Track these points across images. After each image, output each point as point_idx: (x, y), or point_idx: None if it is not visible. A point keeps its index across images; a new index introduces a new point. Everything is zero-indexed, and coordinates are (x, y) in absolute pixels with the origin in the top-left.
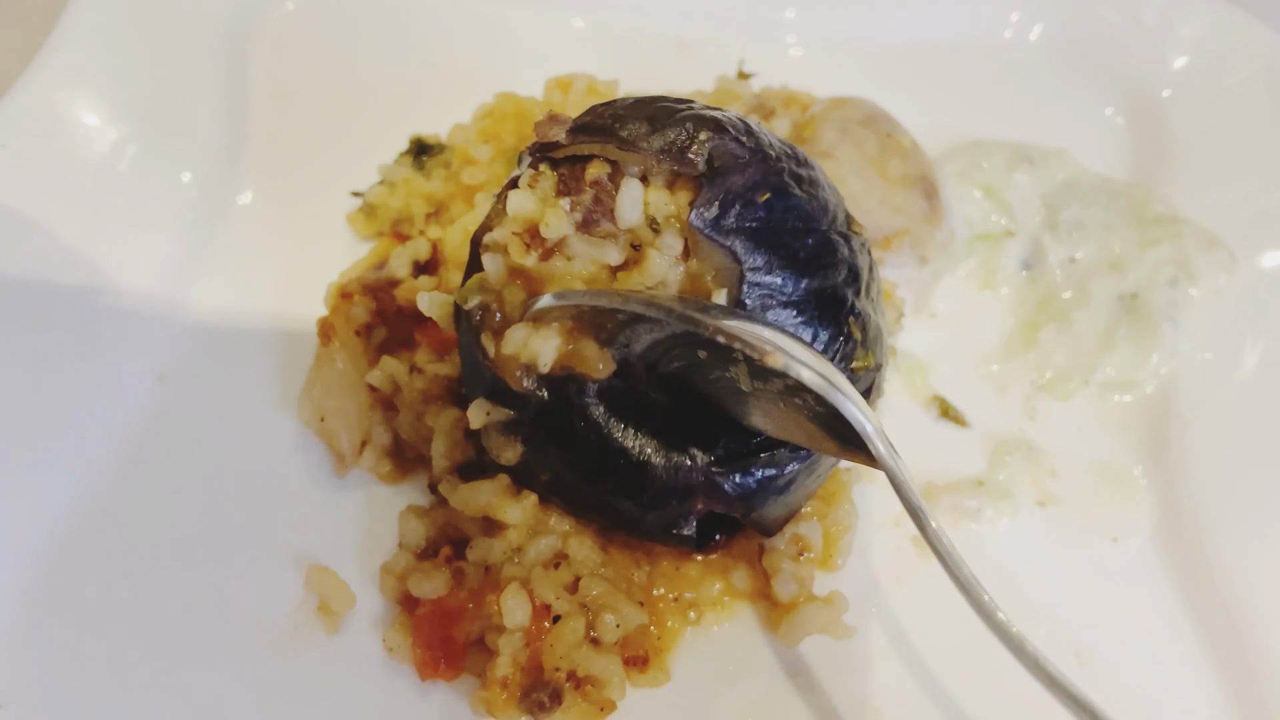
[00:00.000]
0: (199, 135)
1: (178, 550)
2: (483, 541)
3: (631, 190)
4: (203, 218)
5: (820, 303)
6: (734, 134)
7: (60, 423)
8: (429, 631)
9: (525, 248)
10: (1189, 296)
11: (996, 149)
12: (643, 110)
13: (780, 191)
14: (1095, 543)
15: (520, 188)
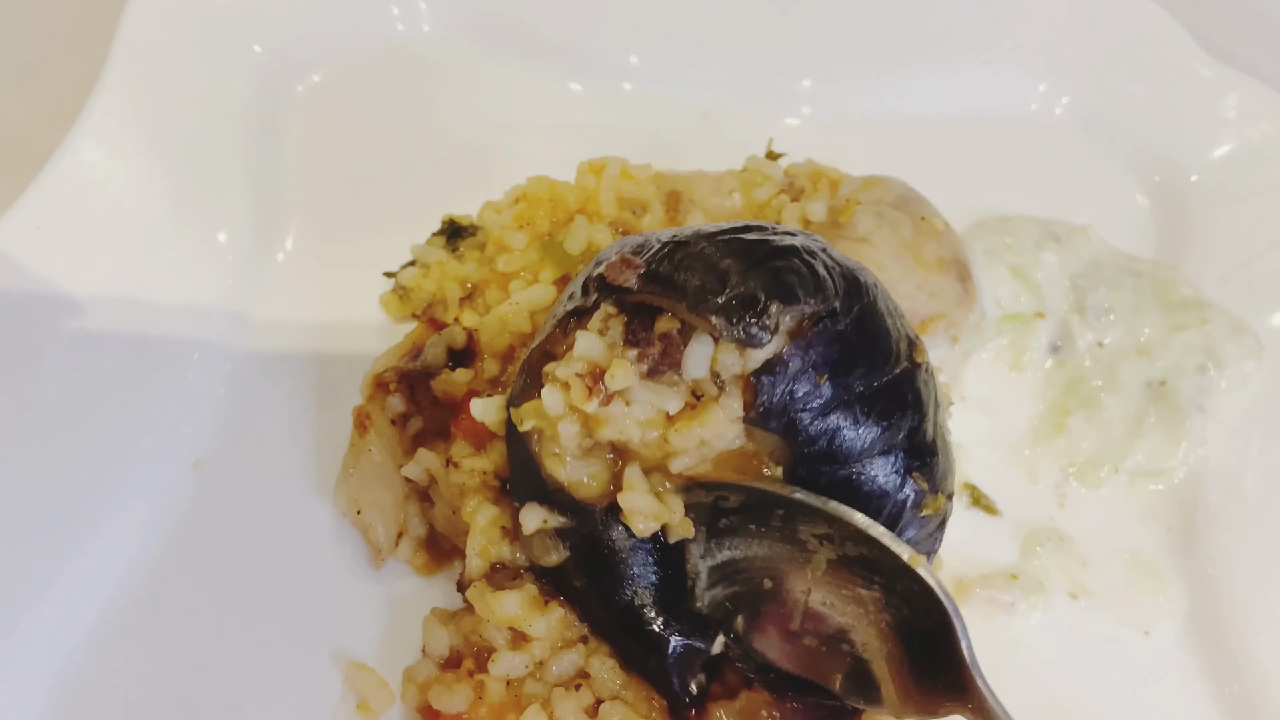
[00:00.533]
0: (228, 215)
1: (215, 645)
2: (506, 655)
3: (702, 347)
4: (233, 300)
5: (884, 465)
6: (804, 295)
7: (97, 512)
8: None
9: (588, 392)
10: (1217, 384)
11: (1023, 225)
12: (714, 256)
13: (846, 360)
14: (1128, 636)
15: (589, 330)
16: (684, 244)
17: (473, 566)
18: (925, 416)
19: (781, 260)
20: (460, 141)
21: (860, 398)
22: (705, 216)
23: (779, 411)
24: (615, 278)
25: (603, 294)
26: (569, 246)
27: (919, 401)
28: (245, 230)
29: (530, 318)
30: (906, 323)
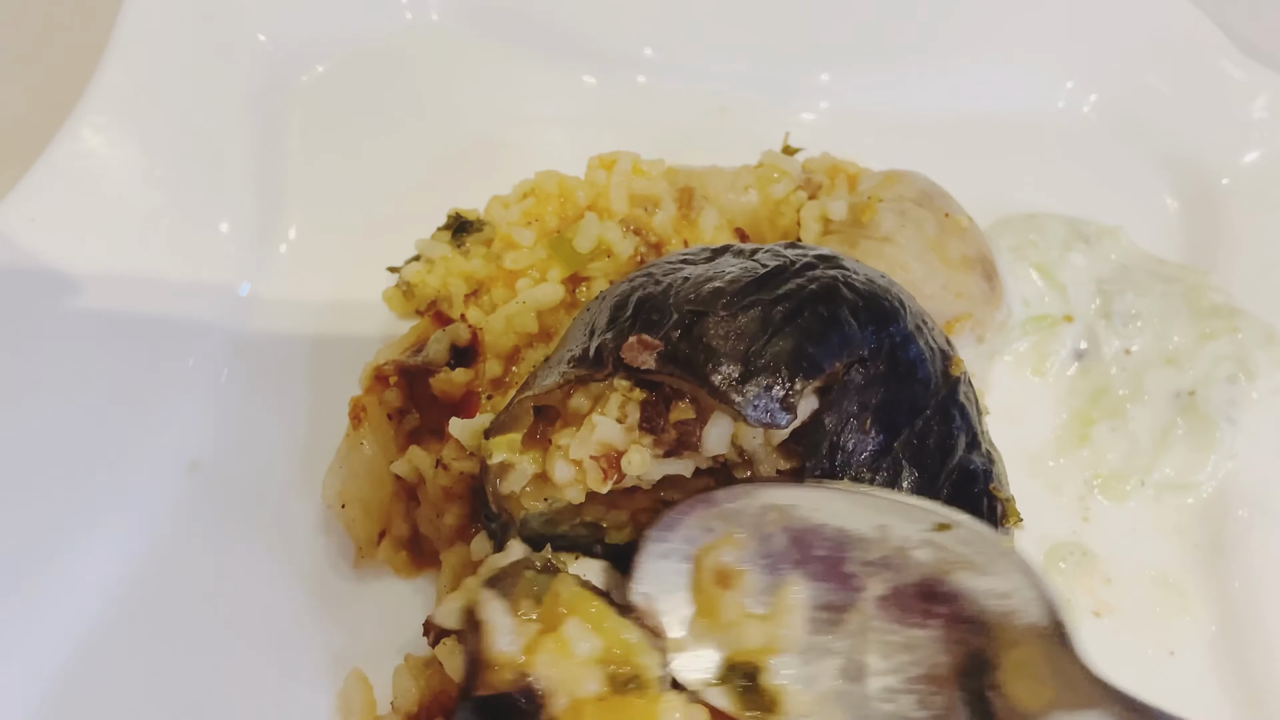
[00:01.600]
0: (233, 201)
1: (206, 651)
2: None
3: (719, 427)
4: (234, 295)
5: (960, 490)
6: (827, 359)
7: (91, 516)
8: None
9: (604, 476)
10: (1248, 395)
11: (1051, 224)
12: (732, 329)
13: (888, 402)
14: (1152, 656)
15: (607, 413)
16: (702, 315)
17: (441, 614)
18: (975, 428)
19: (802, 319)
20: (468, 134)
21: (914, 430)
22: (719, 214)
23: (838, 474)
24: (633, 360)
25: (618, 370)
26: (578, 245)
27: (965, 415)
28: (247, 222)
29: (537, 318)
30: (938, 333)
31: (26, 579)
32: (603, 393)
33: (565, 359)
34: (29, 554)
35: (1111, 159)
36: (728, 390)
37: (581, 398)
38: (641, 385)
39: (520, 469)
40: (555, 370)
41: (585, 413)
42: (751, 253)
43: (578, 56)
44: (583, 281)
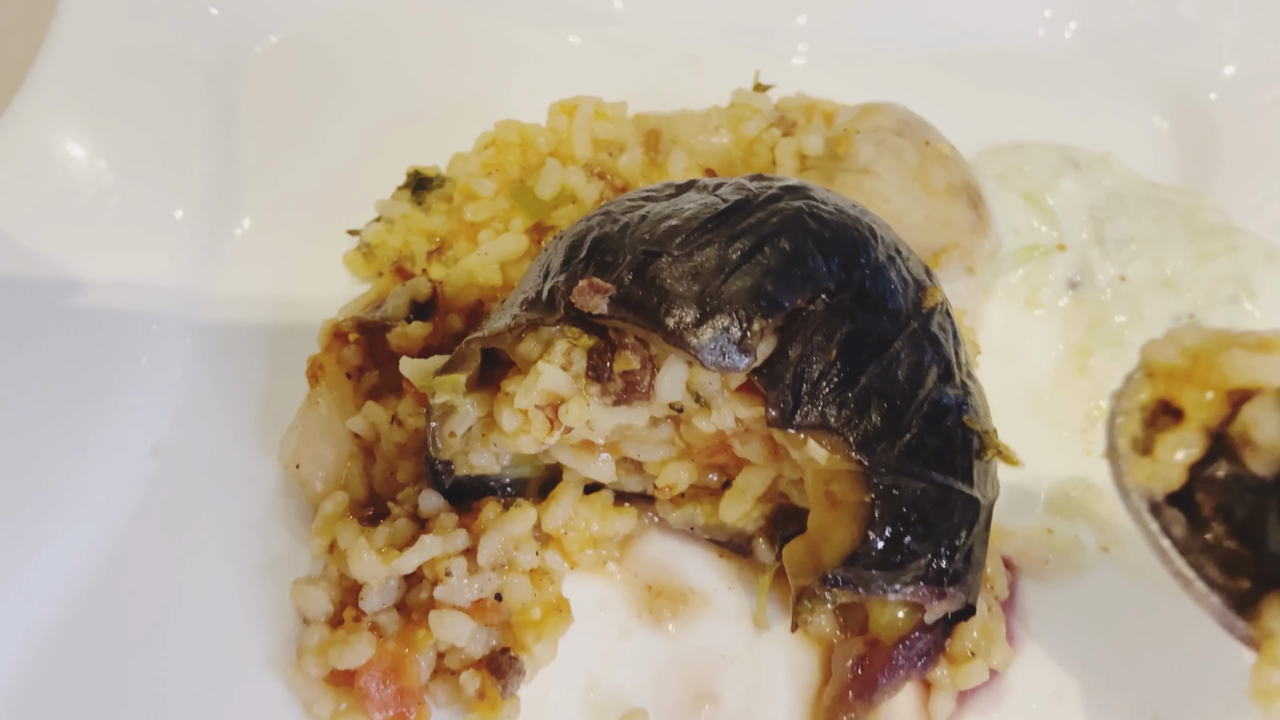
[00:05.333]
0: (188, 177)
1: (169, 631)
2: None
3: (672, 373)
4: (193, 266)
5: (931, 423)
6: (788, 296)
7: (52, 502)
8: (379, 695)
9: (549, 426)
10: (1250, 315)
11: (1039, 152)
12: (686, 269)
13: (855, 333)
14: (1167, 590)
15: (551, 359)
16: (655, 255)
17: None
18: (950, 358)
19: (761, 255)
20: (428, 96)
21: (882, 364)
22: (689, 156)
23: (803, 404)
24: (584, 304)
25: (569, 316)
26: (540, 192)
27: (939, 347)
28: (205, 194)
29: (500, 270)
30: (914, 263)
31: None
32: (552, 338)
33: (518, 301)
34: None
35: (1097, 85)
36: (682, 334)
37: (532, 342)
38: (594, 331)
39: (463, 411)
40: (507, 313)
41: (535, 359)
42: (715, 187)
43: (540, 10)
44: (548, 230)
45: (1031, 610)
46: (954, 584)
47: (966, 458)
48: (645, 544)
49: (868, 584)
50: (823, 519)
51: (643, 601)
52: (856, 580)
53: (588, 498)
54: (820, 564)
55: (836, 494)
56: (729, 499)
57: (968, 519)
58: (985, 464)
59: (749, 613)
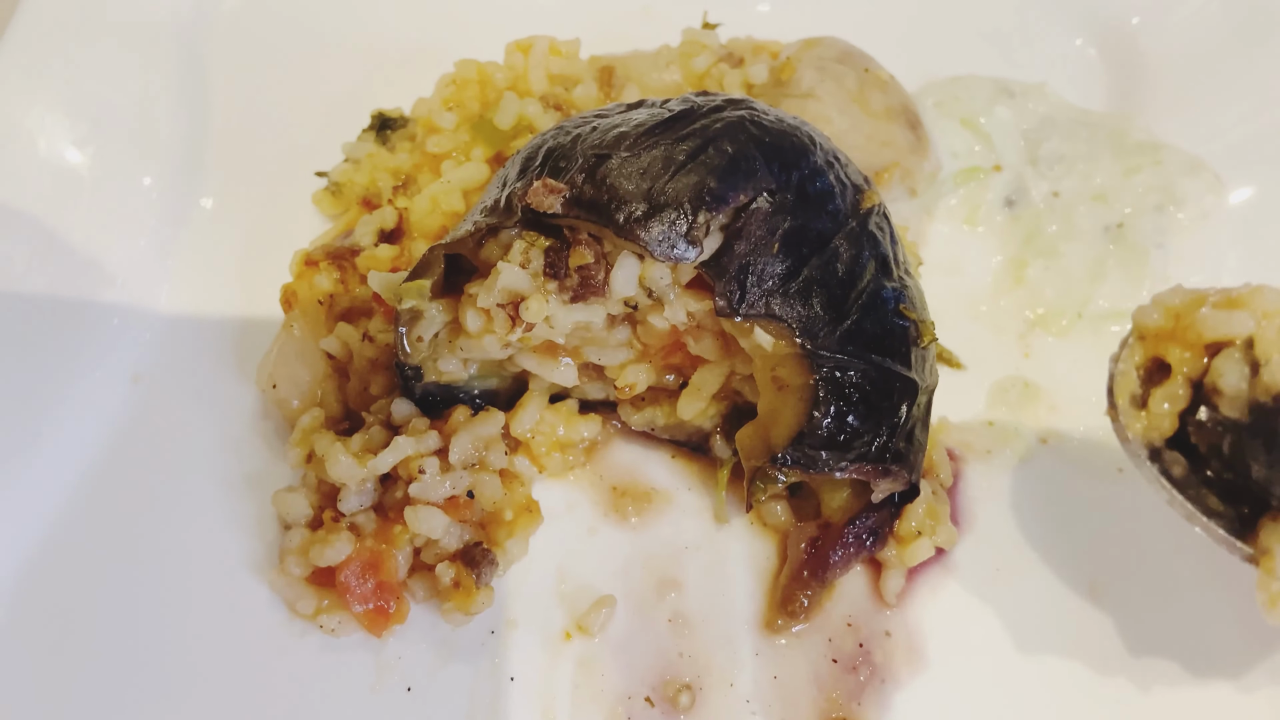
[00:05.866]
0: (159, 127)
1: (154, 548)
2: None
3: (625, 269)
4: (169, 208)
5: (870, 311)
6: (732, 192)
7: (42, 424)
8: (359, 588)
9: (511, 324)
10: (1176, 221)
11: (976, 83)
12: (635, 168)
13: (796, 229)
14: (1101, 475)
15: (511, 260)
16: (605, 157)
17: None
18: (888, 255)
19: (705, 155)
20: (390, 45)
21: (823, 258)
22: (641, 90)
23: (749, 294)
24: (539, 204)
25: (525, 216)
26: (499, 122)
27: (876, 244)
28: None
29: (463, 197)
30: (852, 169)
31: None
32: (511, 241)
33: (478, 210)
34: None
35: (1030, 22)
36: (632, 227)
37: (493, 246)
38: (550, 232)
39: (429, 316)
40: (469, 221)
41: (495, 261)
42: (663, 102)
43: None
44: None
45: (975, 497)
46: (896, 461)
47: (904, 343)
48: (609, 449)
49: (815, 462)
50: (771, 403)
51: (609, 502)
52: (804, 459)
53: (553, 405)
54: (770, 445)
55: (783, 378)
56: (686, 397)
57: (907, 400)
58: (923, 350)
59: (708, 509)
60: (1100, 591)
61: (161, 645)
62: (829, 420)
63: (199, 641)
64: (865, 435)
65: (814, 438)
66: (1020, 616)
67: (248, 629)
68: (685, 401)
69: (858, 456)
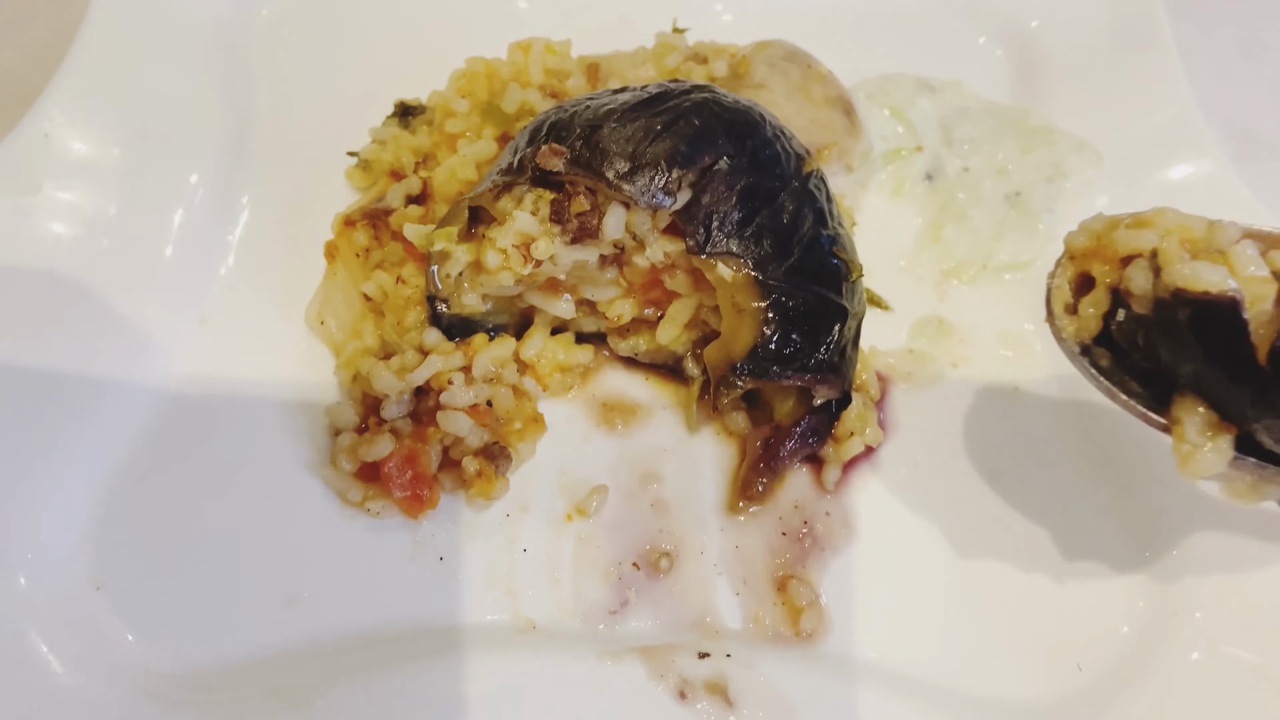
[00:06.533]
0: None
1: (220, 454)
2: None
3: (615, 216)
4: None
5: (809, 251)
6: (698, 154)
7: (128, 358)
8: (400, 478)
9: (523, 260)
10: (1065, 190)
11: (902, 80)
12: (622, 136)
13: (751, 185)
14: (1000, 392)
15: (524, 208)
16: (597, 127)
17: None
18: (824, 210)
19: (677, 126)
20: (409, 49)
21: (771, 210)
22: (621, 83)
23: (713, 236)
24: (546, 164)
25: (534, 175)
26: (505, 107)
27: (814, 201)
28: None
29: (476, 168)
30: (796, 141)
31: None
32: (523, 194)
33: (495, 171)
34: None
35: (948, 28)
36: (620, 182)
37: (507, 200)
38: (553, 188)
39: (456, 256)
40: (488, 180)
41: (510, 211)
42: (643, 87)
43: None
44: (511, 138)
45: (898, 409)
46: (832, 372)
47: (837, 278)
48: (600, 373)
49: (766, 371)
50: (731, 324)
51: (600, 415)
52: (758, 369)
53: (555, 336)
54: (731, 358)
55: (740, 303)
56: (663, 326)
57: (839, 322)
58: (852, 284)
59: (681, 420)
60: (996, 481)
61: (236, 533)
62: (777, 337)
63: (268, 528)
64: (806, 350)
65: (765, 351)
66: (932, 501)
67: (307, 515)
68: (663, 329)
69: (800, 368)
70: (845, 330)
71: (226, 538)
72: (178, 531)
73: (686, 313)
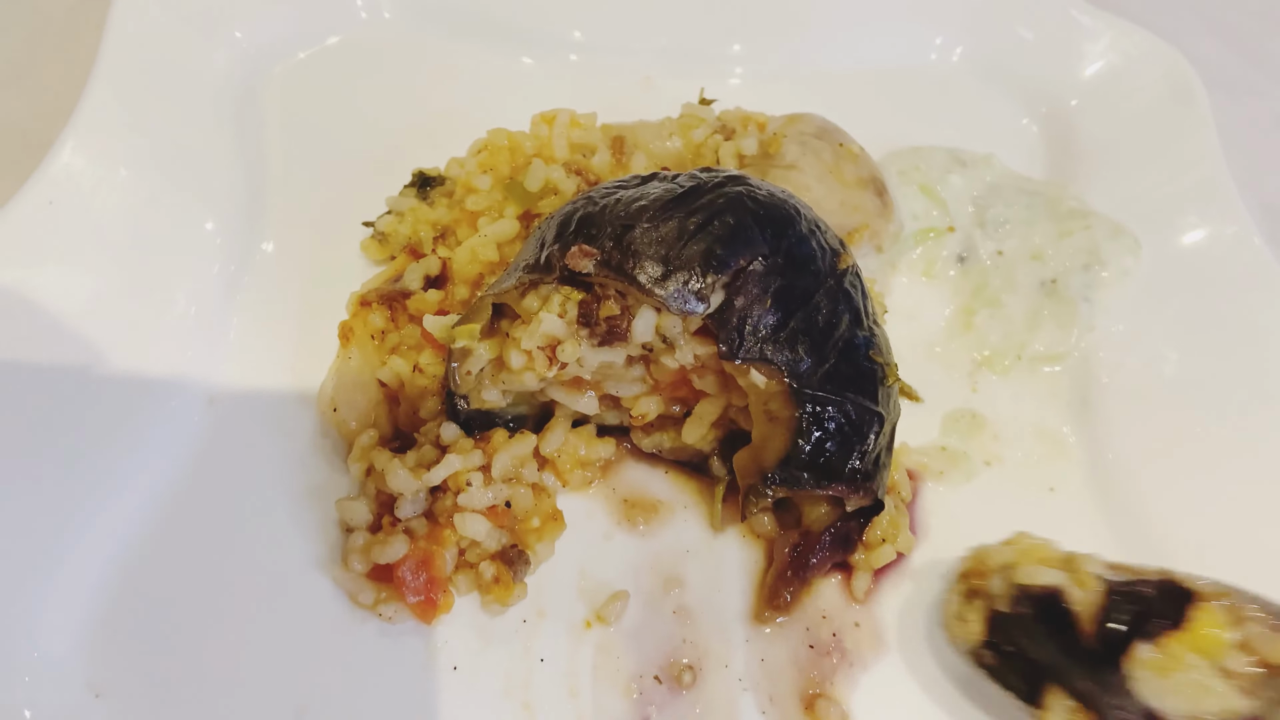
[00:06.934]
0: (221, 180)
1: (229, 538)
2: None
3: (645, 319)
4: (233, 254)
5: (845, 356)
6: (733, 258)
7: (133, 440)
8: (413, 582)
9: (549, 363)
10: (1101, 278)
11: (933, 153)
12: (654, 238)
13: (785, 287)
14: (1036, 493)
15: (550, 309)
16: (629, 227)
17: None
18: (860, 308)
19: (711, 227)
20: (425, 114)
21: (807, 307)
22: (648, 157)
23: (746, 342)
24: (576, 265)
25: (563, 276)
26: (529, 185)
27: (850, 300)
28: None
29: (497, 248)
30: (831, 235)
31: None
32: (550, 293)
33: (520, 266)
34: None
35: (980, 99)
36: (652, 286)
37: (533, 298)
38: (581, 287)
39: (477, 354)
40: (512, 275)
41: (535, 310)
42: (674, 177)
43: (515, 42)
44: (534, 217)
45: (930, 510)
46: (866, 481)
47: (873, 383)
48: (622, 467)
49: (798, 481)
50: (763, 432)
51: (621, 512)
52: (790, 479)
53: (576, 429)
54: (762, 467)
55: (773, 411)
56: (689, 425)
57: (875, 430)
58: (888, 389)
59: (705, 519)
60: None
61: (242, 636)
62: (810, 447)
63: (274, 629)
64: (840, 459)
65: (798, 461)
66: None
67: (317, 618)
68: (689, 428)
69: (834, 477)
70: (880, 437)
71: (232, 642)
72: (182, 634)
73: (714, 412)
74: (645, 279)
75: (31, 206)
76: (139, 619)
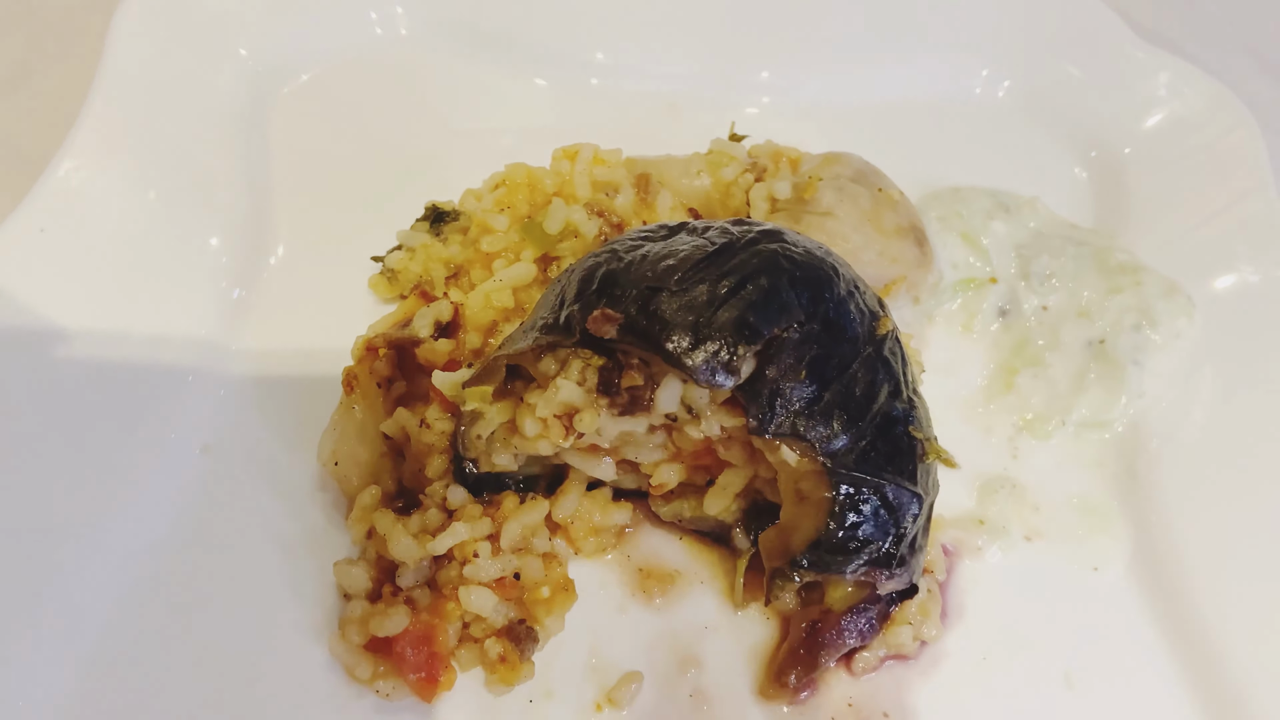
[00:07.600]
0: (223, 209)
1: (220, 597)
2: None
3: (670, 390)
4: (231, 287)
5: (882, 432)
6: (767, 327)
7: (121, 487)
8: (414, 658)
9: (565, 432)
10: (1151, 340)
11: (974, 196)
12: (682, 303)
13: (820, 356)
14: (1078, 572)
15: (569, 376)
16: (656, 290)
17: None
18: (899, 378)
19: (744, 291)
20: (439, 138)
21: (843, 382)
22: (674, 197)
23: (777, 415)
24: (598, 330)
25: (583, 339)
26: (548, 227)
27: (889, 369)
28: (240, 223)
29: (513, 294)
30: (869, 296)
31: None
32: (568, 357)
33: (537, 324)
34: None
35: (1026, 137)
36: (679, 356)
37: (550, 361)
38: (602, 351)
39: (489, 417)
40: (529, 335)
41: (553, 375)
42: (704, 230)
43: (535, 63)
44: (553, 261)
45: (966, 589)
46: (900, 566)
47: (911, 461)
48: (639, 534)
49: (828, 565)
50: (792, 511)
51: (636, 583)
52: (819, 563)
53: (590, 494)
54: (790, 549)
55: (804, 490)
56: (712, 495)
57: (911, 512)
58: (926, 466)
59: (726, 592)
60: (1074, 681)
61: (227, 702)
62: (843, 531)
63: (263, 701)
64: (874, 543)
65: (829, 545)
66: (1002, 701)
67: (310, 691)
68: (711, 499)
69: (867, 561)
70: (917, 519)
71: (218, 714)
72: (163, 701)
73: (739, 483)
74: (672, 348)
75: (17, 239)
76: (121, 683)
